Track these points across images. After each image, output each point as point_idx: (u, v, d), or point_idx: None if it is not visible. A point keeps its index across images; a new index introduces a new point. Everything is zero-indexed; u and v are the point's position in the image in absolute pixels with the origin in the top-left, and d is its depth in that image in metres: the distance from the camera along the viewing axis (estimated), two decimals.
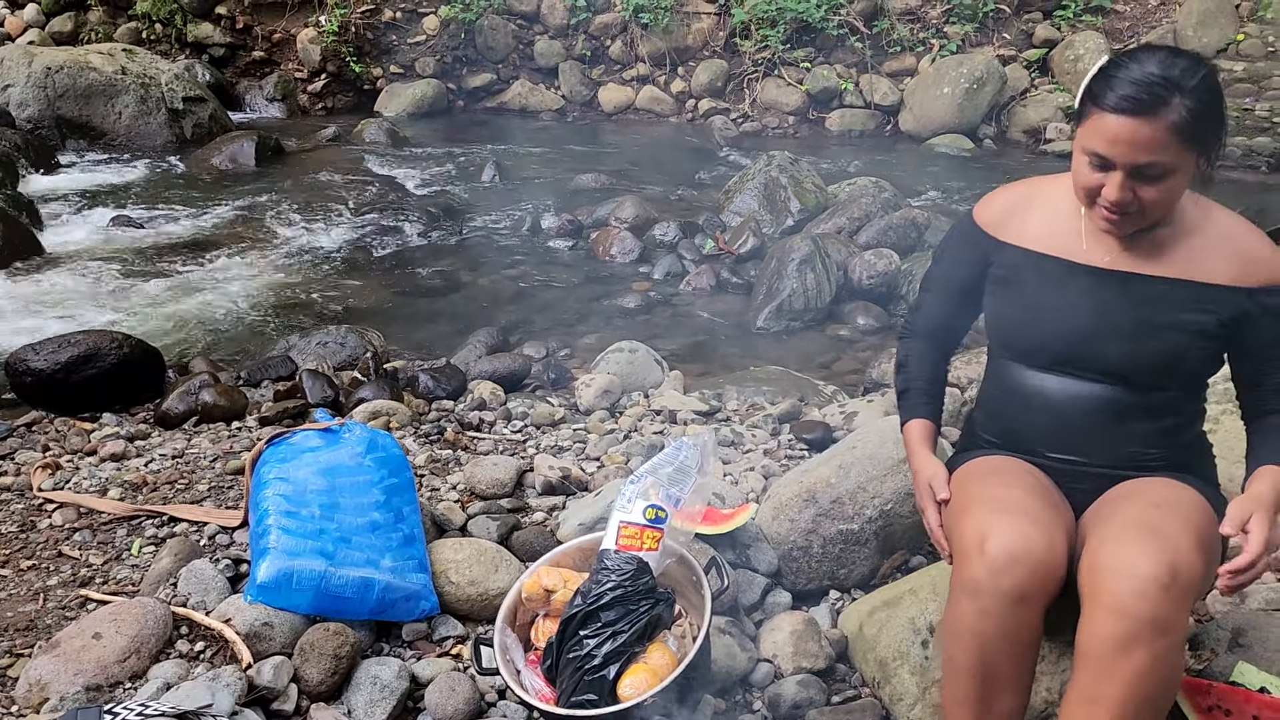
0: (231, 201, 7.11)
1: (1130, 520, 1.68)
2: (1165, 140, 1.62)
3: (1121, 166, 1.66)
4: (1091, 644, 1.62)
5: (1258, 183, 9.06)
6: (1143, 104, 1.61)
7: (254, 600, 2.23)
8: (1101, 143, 1.66)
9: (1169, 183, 1.67)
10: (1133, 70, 1.64)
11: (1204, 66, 1.66)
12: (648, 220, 6.68)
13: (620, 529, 2.05)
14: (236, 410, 3.58)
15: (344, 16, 10.86)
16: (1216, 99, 1.67)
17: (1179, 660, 1.63)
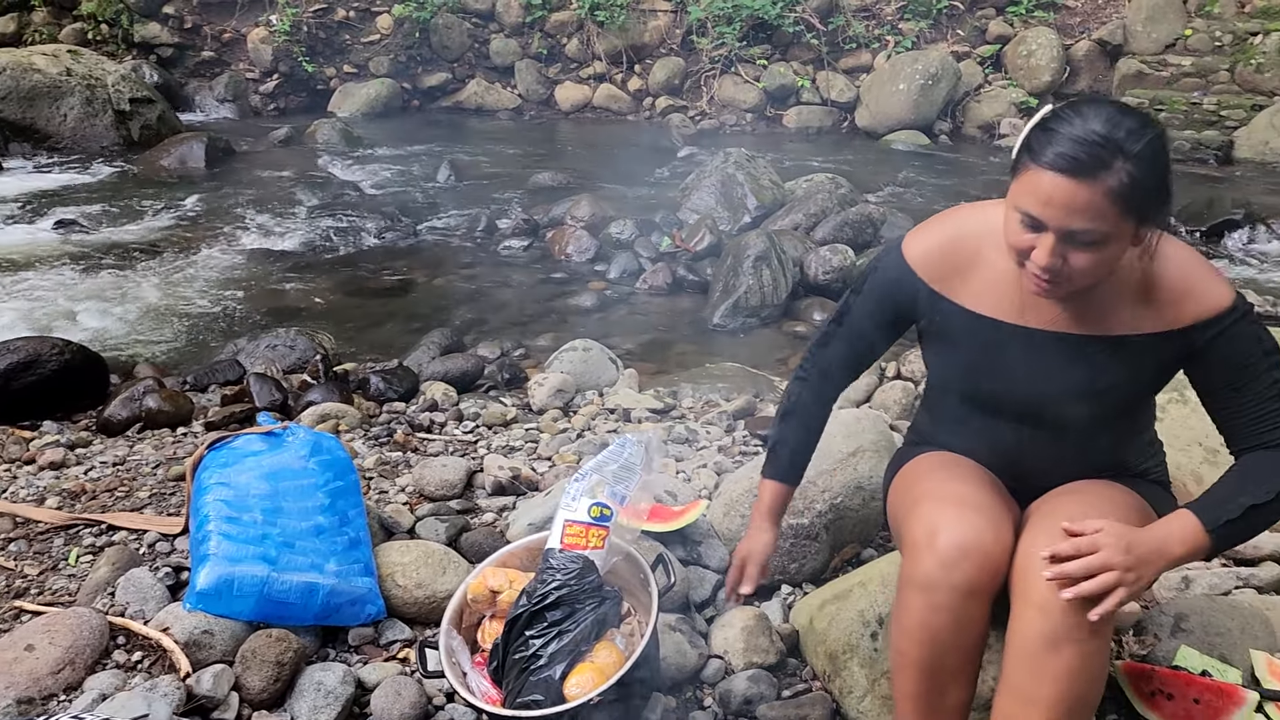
0: (180, 204, 7.00)
1: (1061, 515, 1.67)
2: (1102, 206, 1.48)
3: (1054, 230, 1.51)
4: (1021, 642, 1.61)
5: (1206, 176, 9.20)
6: (1081, 164, 1.46)
7: (193, 608, 2.18)
8: (1034, 203, 1.51)
9: (1103, 252, 1.53)
10: (1075, 126, 1.49)
11: (1153, 129, 1.50)
12: (604, 219, 6.66)
13: (565, 528, 2.03)
14: (182, 416, 3.51)
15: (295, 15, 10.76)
16: (1163, 165, 1.52)
17: (1106, 657, 1.64)
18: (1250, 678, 2.08)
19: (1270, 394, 1.63)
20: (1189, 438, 2.94)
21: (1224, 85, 10.37)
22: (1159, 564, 1.60)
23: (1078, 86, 11.13)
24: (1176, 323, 1.64)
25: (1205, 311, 1.62)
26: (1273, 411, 1.63)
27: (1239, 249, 6.90)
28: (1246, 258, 6.72)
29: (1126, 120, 1.48)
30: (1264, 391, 1.63)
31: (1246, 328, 1.62)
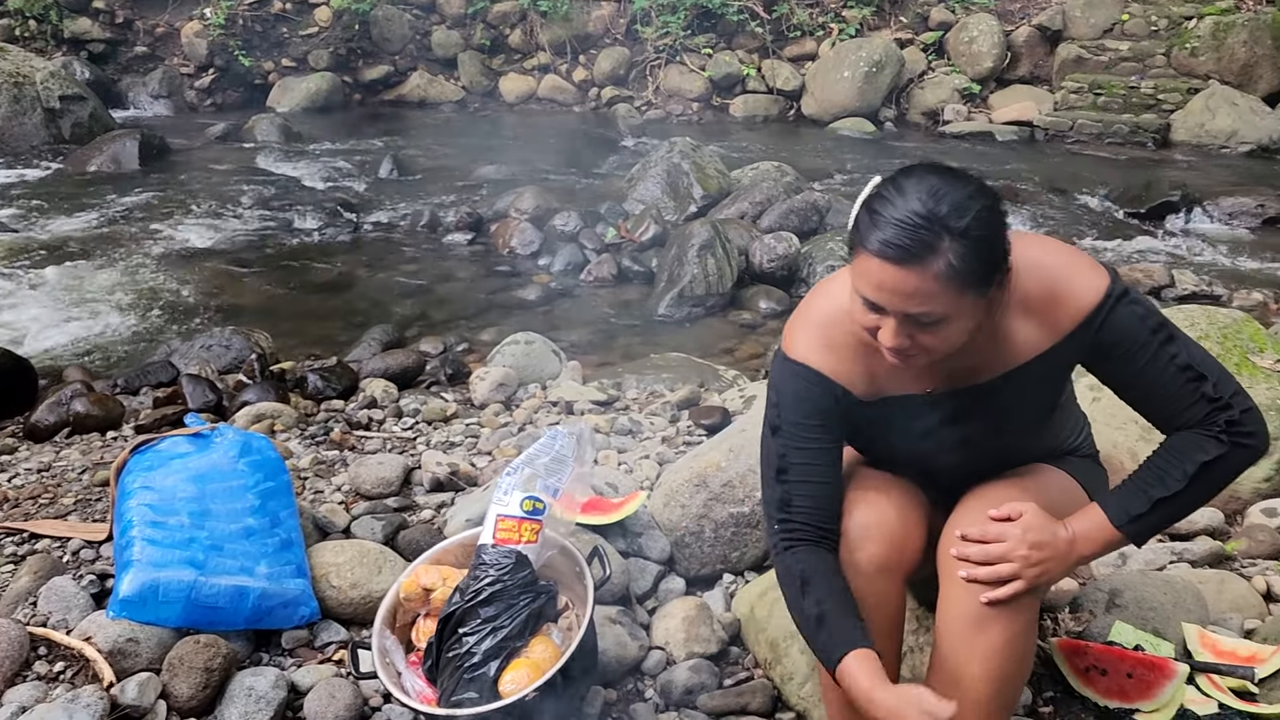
0: (113, 203, 6.84)
1: (990, 500, 1.68)
2: (934, 289, 1.41)
3: (893, 314, 1.46)
4: (948, 621, 1.62)
5: (1144, 159, 9.36)
6: (906, 251, 1.39)
7: (117, 616, 2.12)
8: (869, 288, 1.46)
9: (949, 328, 1.47)
10: (897, 208, 1.41)
11: (978, 199, 1.43)
12: (549, 210, 6.61)
13: (497, 522, 2.00)
14: (112, 419, 3.43)
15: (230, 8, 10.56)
16: (993, 234, 1.44)
17: (1033, 635, 1.65)
18: (1182, 650, 2.11)
19: (1169, 373, 1.56)
20: (1125, 416, 2.97)
21: (1160, 69, 10.54)
22: (1066, 561, 1.61)
23: (1018, 72, 11.26)
24: (1059, 331, 1.58)
25: (1080, 311, 1.56)
26: (1179, 391, 1.57)
27: (1177, 230, 7.02)
28: (1184, 238, 6.84)
29: (950, 194, 1.42)
30: (1164, 369, 1.56)
31: (1125, 310, 1.56)
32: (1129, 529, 1.60)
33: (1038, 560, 1.57)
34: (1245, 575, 2.53)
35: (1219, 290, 5.46)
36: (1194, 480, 1.57)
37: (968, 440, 1.72)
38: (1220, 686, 1.99)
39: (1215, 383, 1.56)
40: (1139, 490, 1.61)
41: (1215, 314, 3.22)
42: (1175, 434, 1.61)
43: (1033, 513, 1.61)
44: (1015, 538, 1.58)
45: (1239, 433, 1.56)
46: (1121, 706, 1.98)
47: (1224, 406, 1.56)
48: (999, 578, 1.56)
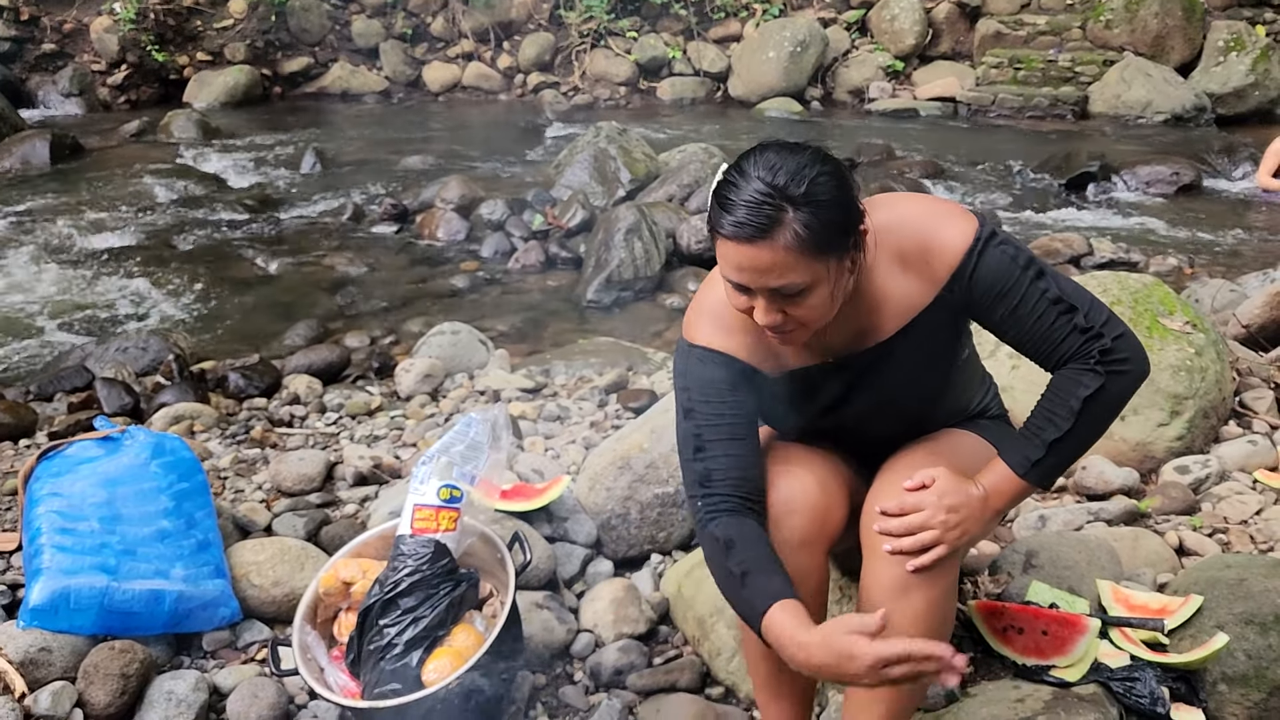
0: (23, 205, 6.63)
1: (902, 472, 1.70)
2: (788, 260, 1.46)
3: (758, 291, 1.51)
4: (871, 589, 1.64)
5: (1064, 130, 9.54)
6: (754, 228, 1.44)
7: (28, 625, 2.07)
8: (730, 270, 1.51)
9: (815, 296, 1.51)
10: (740, 189, 1.46)
11: (815, 165, 1.47)
12: (474, 200, 6.56)
13: (414, 512, 1.98)
14: (24, 427, 3.34)
15: (141, 3, 10.26)
16: (838, 197, 1.48)
17: (954, 597, 1.68)
18: (1097, 606, 2.16)
19: (1041, 308, 1.59)
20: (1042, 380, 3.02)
21: (1077, 42, 10.74)
22: (983, 518, 1.63)
23: (940, 48, 11.39)
24: (937, 280, 1.62)
25: (953, 258, 1.60)
26: (1052, 325, 1.59)
27: (1096, 199, 7.17)
28: (1103, 207, 6.99)
29: (786, 165, 1.46)
30: (1036, 304, 1.59)
31: (995, 251, 1.59)
32: (1032, 475, 1.64)
33: (956, 523, 1.60)
34: (1159, 531, 2.60)
35: (1136, 257, 5.59)
36: (1081, 415, 1.59)
37: (876, 403, 1.75)
38: (1132, 639, 2.04)
39: (1086, 313, 1.59)
40: (1032, 436, 1.64)
41: (1127, 279, 3.29)
42: (1056, 374, 1.64)
43: (944, 477, 1.63)
44: (932, 504, 1.60)
45: (1113, 360, 1.59)
46: (1038, 663, 2.02)
47: (1095, 336, 1.58)
48: (922, 545, 1.59)
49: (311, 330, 4.53)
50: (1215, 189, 7.43)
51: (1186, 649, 1.99)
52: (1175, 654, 1.99)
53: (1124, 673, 1.93)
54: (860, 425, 1.80)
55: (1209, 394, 3.01)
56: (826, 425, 1.81)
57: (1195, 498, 2.77)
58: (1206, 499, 2.77)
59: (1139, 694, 1.90)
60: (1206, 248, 6.01)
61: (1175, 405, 2.96)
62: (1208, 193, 7.32)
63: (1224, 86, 9.88)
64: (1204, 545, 2.54)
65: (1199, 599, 2.05)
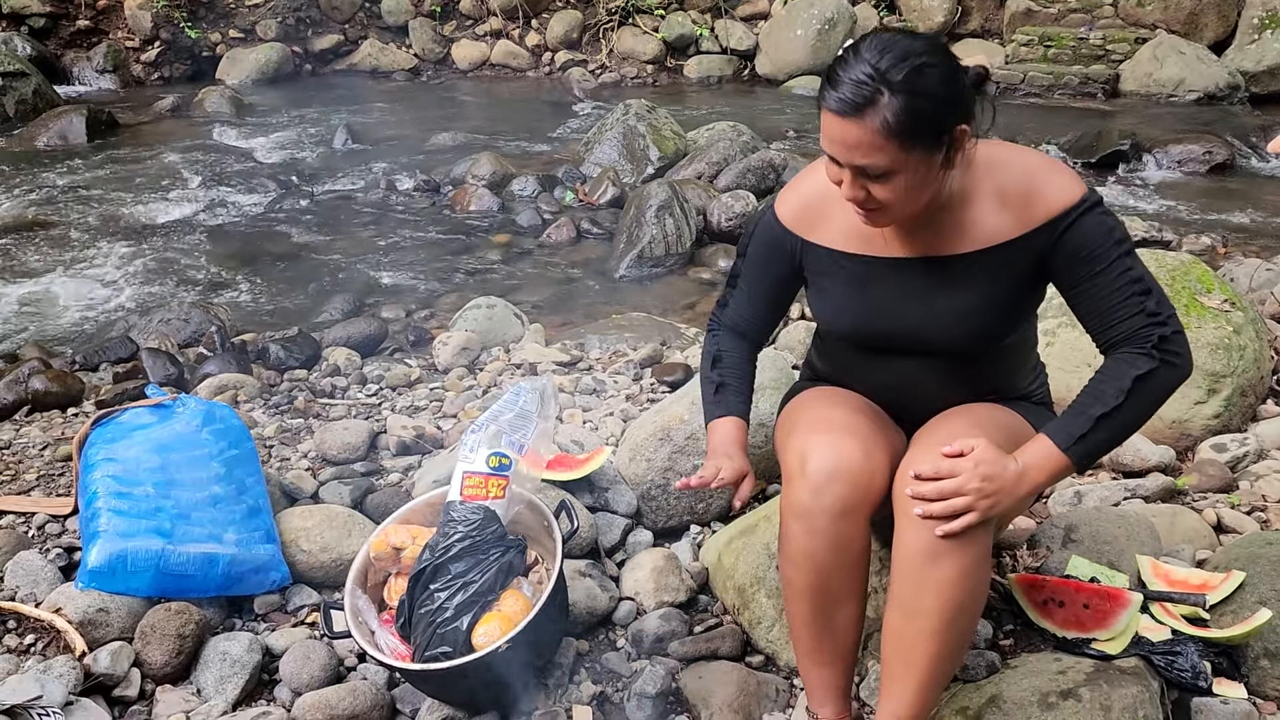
0: (62, 180, 6.71)
1: (943, 437, 1.70)
2: (876, 142, 1.51)
3: (846, 166, 1.57)
4: (903, 555, 1.66)
5: (1095, 109, 9.45)
6: (849, 104, 1.50)
7: (86, 587, 2.12)
8: (826, 142, 1.57)
9: (898, 181, 1.55)
10: (848, 67, 1.51)
11: (918, 57, 1.50)
12: (506, 176, 6.59)
13: (464, 479, 2.01)
14: (72, 396, 3.40)
15: None
16: (937, 89, 1.51)
17: (987, 567, 1.69)
18: (1136, 581, 2.18)
19: (1120, 283, 1.63)
20: (1078, 359, 3.03)
21: (1109, 20, 10.61)
22: (1019, 491, 1.64)
23: (970, 26, 11.29)
24: (1030, 223, 1.66)
25: (1055, 207, 1.64)
26: (1124, 301, 1.64)
27: (1127, 178, 7.11)
28: (1134, 186, 6.93)
29: (892, 50, 1.50)
30: (1114, 280, 1.63)
31: (1096, 217, 1.64)
32: (1074, 450, 1.65)
33: (990, 492, 1.61)
34: (1196, 508, 2.61)
35: (1169, 236, 5.54)
36: (1130, 395, 1.62)
37: (928, 320, 1.76)
38: (1173, 614, 2.06)
39: (1158, 300, 1.64)
40: (1079, 412, 1.66)
41: (1164, 257, 3.29)
42: (1109, 357, 1.68)
43: (983, 447, 1.64)
44: (967, 471, 1.61)
45: (1169, 350, 1.63)
46: (1079, 636, 2.04)
47: (1160, 323, 1.63)
48: (953, 511, 1.60)
49: (348, 303, 4.58)
50: (1249, 168, 7.35)
51: (1228, 624, 2.01)
52: (1217, 629, 2.01)
53: (1165, 646, 1.95)
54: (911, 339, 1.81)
55: (1247, 372, 3.00)
56: (877, 340, 1.83)
57: (1233, 475, 2.77)
58: (1244, 477, 2.78)
59: (1180, 668, 1.91)
60: (1240, 227, 5.96)
61: (1213, 383, 2.96)
62: (1241, 172, 7.25)
63: (1258, 64, 9.73)
64: (1242, 523, 2.54)
65: (1241, 574, 2.06)
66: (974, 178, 1.68)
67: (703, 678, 2.08)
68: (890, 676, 1.70)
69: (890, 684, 1.70)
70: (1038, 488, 1.68)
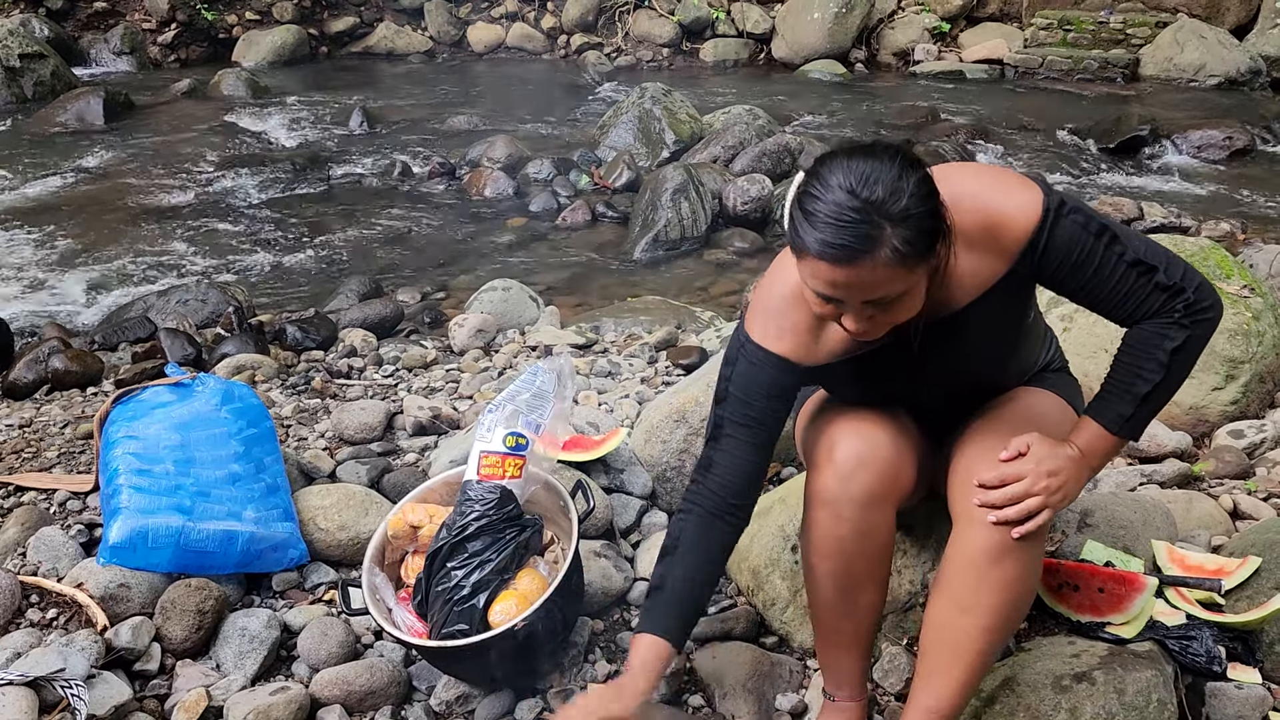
0: (80, 161, 6.75)
1: (991, 441, 1.68)
2: (886, 275, 1.41)
3: (850, 305, 1.47)
4: (964, 554, 1.63)
5: (1114, 94, 9.38)
6: (849, 250, 1.38)
7: (108, 562, 2.14)
8: (819, 285, 1.45)
9: (907, 302, 1.48)
10: (828, 203, 1.39)
11: (910, 174, 1.41)
12: (521, 159, 6.59)
13: (481, 459, 2.02)
14: (91, 375, 3.42)
15: None
16: (930, 204, 1.42)
17: (1041, 562, 1.69)
18: (1152, 566, 2.17)
19: (1119, 272, 1.57)
20: (1095, 345, 3.02)
21: (1129, 4, 10.52)
22: (1082, 478, 1.64)
23: (988, 9, 11.20)
24: (1008, 254, 1.57)
25: (1024, 230, 1.55)
26: (1132, 288, 1.58)
27: (1147, 163, 7.07)
28: (1153, 172, 6.89)
29: (880, 172, 1.39)
30: (1114, 271, 1.57)
31: (1065, 222, 1.55)
32: (1125, 431, 1.64)
33: (1057, 486, 1.59)
34: (1213, 494, 2.60)
35: (1188, 221, 5.51)
36: (1170, 367, 1.60)
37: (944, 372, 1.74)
38: (1188, 599, 2.05)
39: (1165, 270, 1.57)
40: (1123, 391, 1.63)
41: (1182, 242, 3.27)
42: (1135, 328, 1.62)
43: (1039, 442, 1.62)
44: (1032, 471, 1.59)
45: (1197, 311, 1.58)
46: (1094, 620, 2.03)
47: (1178, 291, 1.57)
48: (1027, 512, 1.58)
49: (364, 285, 4.59)
50: (1269, 154, 7.30)
51: (1243, 610, 2.00)
52: (1232, 614, 2.00)
53: (1180, 631, 1.94)
54: (927, 391, 1.80)
55: (1265, 358, 2.98)
56: (893, 396, 1.80)
57: (1249, 462, 2.76)
58: (1261, 463, 2.76)
59: (1195, 652, 1.91)
60: (1260, 213, 5.93)
61: (1231, 369, 2.95)
62: (1261, 157, 7.20)
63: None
64: (1259, 509, 2.53)
65: (1257, 560, 2.06)
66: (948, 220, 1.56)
67: (717, 658, 2.09)
68: (931, 669, 1.67)
69: (930, 676, 1.67)
70: (1097, 470, 1.68)
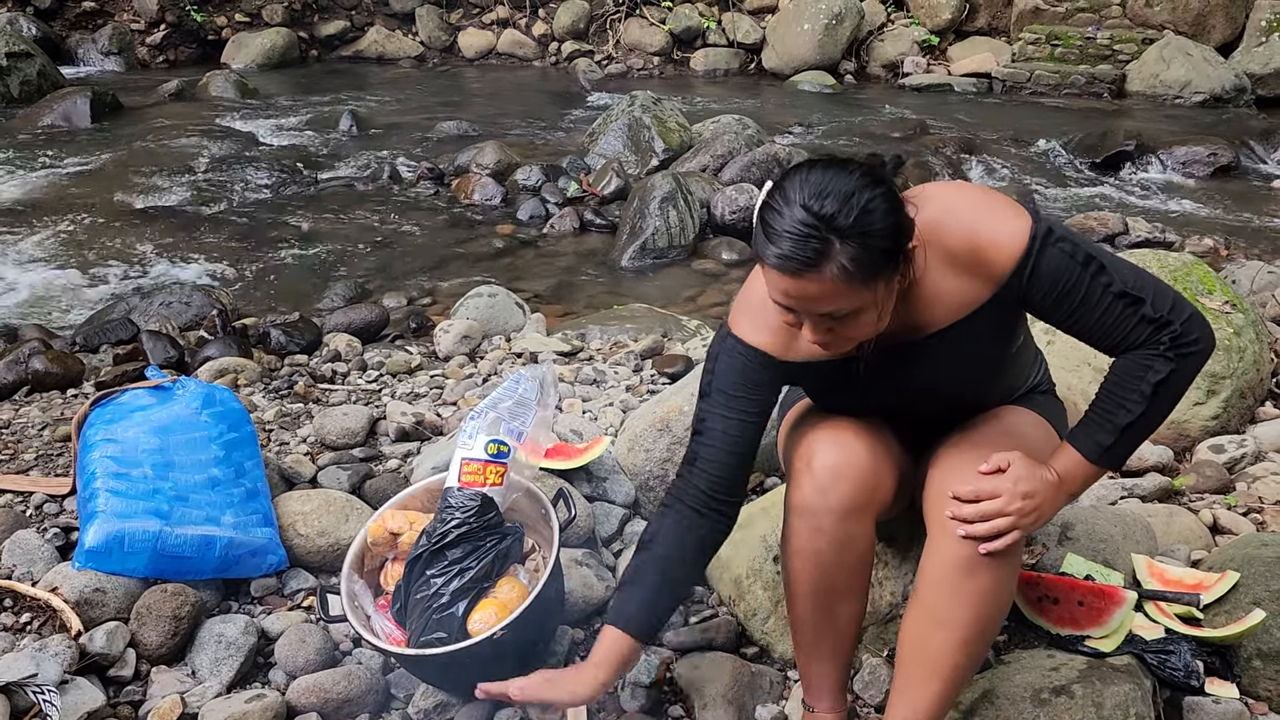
0: (65, 161, 6.71)
1: (972, 455, 1.67)
2: (836, 289, 1.42)
3: (806, 315, 1.50)
4: (938, 567, 1.63)
5: (1100, 109, 9.44)
6: (800, 261, 1.40)
7: (83, 566, 2.12)
8: (778, 294, 1.49)
9: (864, 318, 1.50)
10: (784, 218, 1.41)
11: (865, 190, 1.42)
12: (510, 165, 6.59)
13: (463, 466, 2.01)
14: (71, 377, 3.39)
15: None
16: (886, 222, 1.43)
17: (1016, 575, 1.68)
18: (1132, 580, 2.18)
19: (1105, 302, 1.56)
20: (1078, 358, 3.03)
21: (1116, 20, 10.60)
22: (1057, 503, 1.63)
23: (977, 23, 11.27)
24: (994, 279, 1.57)
25: (1011, 256, 1.54)
26: (1119, 319, 1.57)
27: (1132, 179, 7.11)
28: (1138, 187, 6.93)
29: (834, 190, 1.41)
30: (1100, 301, 1.56)
31: (1052, 251, 1.54)
32: (1104, 460, 1.63)
33: (1031, 509, 1.59)
34: (1193, 509, 2.61)
35: (1172, 237, 5.55)
36: (1153, 399, 1.58)
37: (924, 390, 1.74)
38: (1167, 613, 2.06)
39: (1152, 301, 1.55)
40: (1104, 421, 1.62)
41: (1166, 258, 3.28)
42: (1121, 357, 1.61)
43: (1019, 462, 1.61)
44: (1008, 490, 1.58)
45: (1184, 344, 1.56)
46: (1073, 633, 2.04)
47: (1164, 324, 1.56)
48: (997, 531, 1.58)
49: (349, 290, 4.58)
50: (1253, 170, 7.36)
51: (1222, 624, 2.01)
52: (1210, 629, 2.01)
53: (1159, 645, 1.95)
54: (907, 407, 1.80)
55: (1246, 374, 3.00)
56: (873, 407, 1.80)
57: (1230, 477, 2.77)
58: (1241, 479, 2.78)
59: (1173, 666, 1.91)
60: (1243, 229, 5.97)
61: (1212, 384, 2.96)
62: (1245, 174, 7.26)
63: (1265, 67, 9.73)
64: (1239, 524, 2.54)
65: (1235, 575, 2.06)
66: (930, 242, 1.56)
67: (698, 668, 2.08)
68: (907, 682, 1.67)
69: (907, 689, 1.67)
70: (1073, 497, 1.68)
